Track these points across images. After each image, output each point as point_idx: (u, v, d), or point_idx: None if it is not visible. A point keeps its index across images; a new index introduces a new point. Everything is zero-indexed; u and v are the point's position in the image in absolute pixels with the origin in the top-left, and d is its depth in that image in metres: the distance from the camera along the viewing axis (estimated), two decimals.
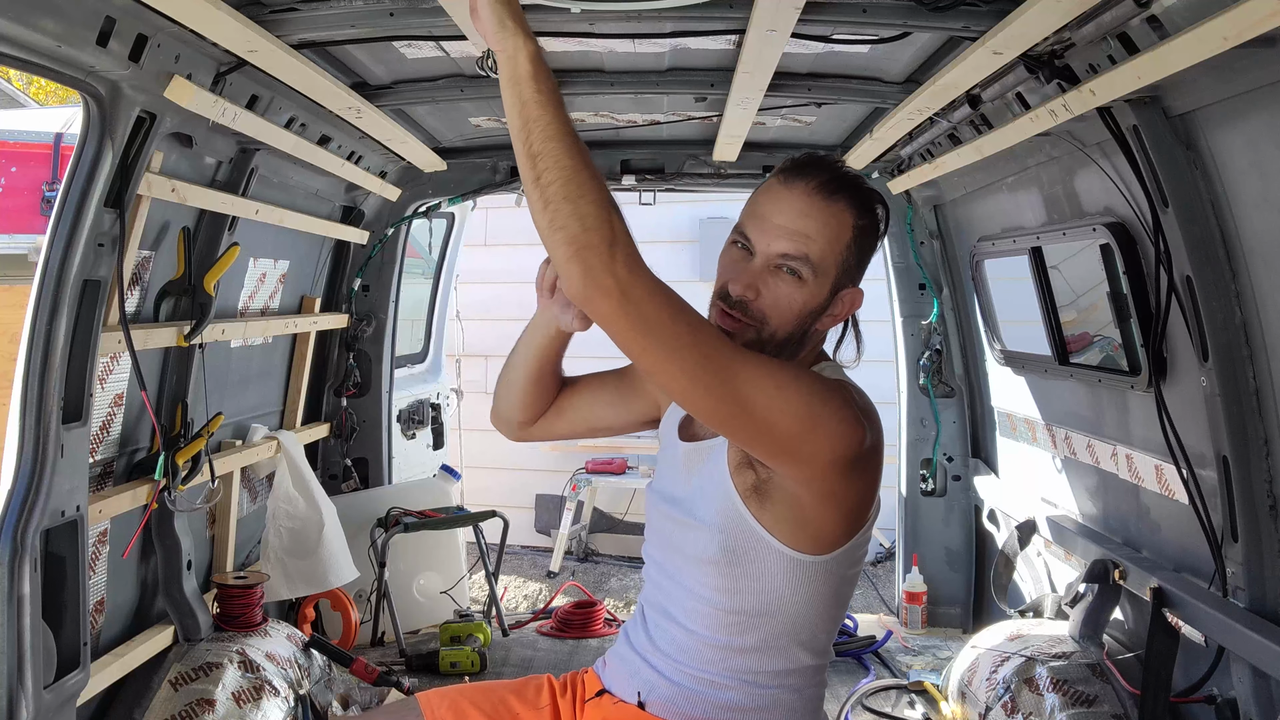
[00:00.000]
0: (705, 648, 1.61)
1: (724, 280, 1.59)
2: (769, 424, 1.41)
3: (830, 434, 1.44)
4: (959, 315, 4.08)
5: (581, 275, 1.30)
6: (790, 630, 1.58)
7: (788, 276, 1.56)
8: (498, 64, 1.38)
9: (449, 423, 5.61)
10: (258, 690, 2.77)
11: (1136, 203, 2.37)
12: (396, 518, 3.95)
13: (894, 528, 4.53)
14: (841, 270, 1.59)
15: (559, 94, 1.36)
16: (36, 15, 1.79)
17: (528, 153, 1.33)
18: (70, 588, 2.25)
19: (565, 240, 1.30)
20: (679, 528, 1.64)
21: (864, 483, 1.54)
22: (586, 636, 4.13)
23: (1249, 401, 2.15)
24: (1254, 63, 1.79)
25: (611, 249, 1.30)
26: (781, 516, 1.52)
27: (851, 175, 1.61)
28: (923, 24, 2.26)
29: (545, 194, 1.31)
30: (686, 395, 1.41)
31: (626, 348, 1.36)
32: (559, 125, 1.33)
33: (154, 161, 2.42)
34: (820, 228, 1.56)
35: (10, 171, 4.75)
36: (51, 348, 2.16)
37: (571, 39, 2.57)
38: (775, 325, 1.57)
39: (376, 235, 4.15)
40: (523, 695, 1.78)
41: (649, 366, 1.38)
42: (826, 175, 1.58)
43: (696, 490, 1.62)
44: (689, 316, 1.36)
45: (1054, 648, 2.80)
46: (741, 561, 1.55)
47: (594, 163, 1.34)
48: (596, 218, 1.30)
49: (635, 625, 1.74)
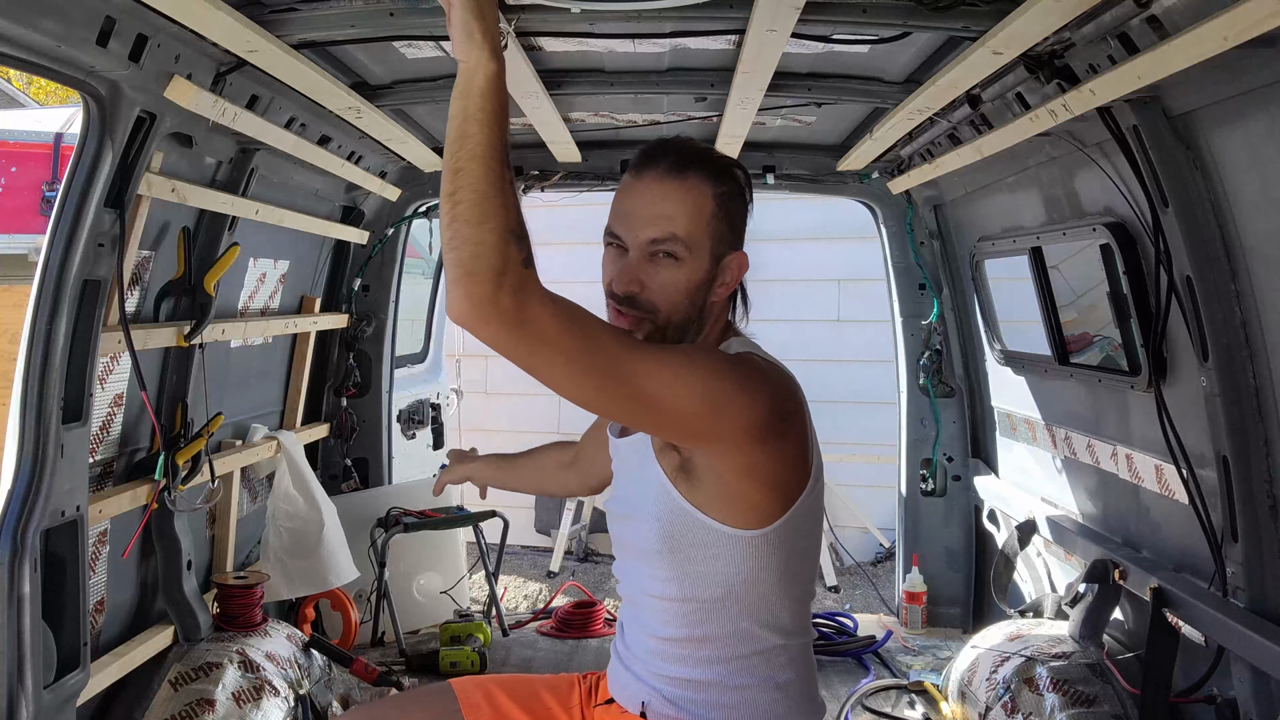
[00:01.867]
0: (675, 646, 1.62)
1: (608, 280, 1.62)
2: (674, 411, 1.43)
3: (734, 408, 1.46)
4: (959, 315, 4.08)
5: (464, 300, 1.30)
6: (745, 611, 1.59)
7: (664, 260, 1.59)
8: (457, 74, 1.38)
9: (449, 423, 5.61)
10: (258, 690, 2.77)
11: (1136, 203, 2.38)
12: (396, 518, 3.95)
13: (894, 528, 4.53)
14: (716, 239, 1.62)
15: (504, 119, 1.37)
16: (36, 15, 1.79)
17: (451, 166, 1.34)
18: (70, 588, 2.25)
19: (455, 262, 1.31)
20: (626, 525, 1.67)
21: (783, 450, 1.54)
22: (586, 636, 4.13)
23: (1249, 401, 2.15)
24: (1254, 63, 1.79)
25: (499, 278, 1.29)
26: (710, 494, 1.54)
27: (699, 149, 1.65)
28: (923, 24, 2.26)
29: (454, 211, 1.32)
30: (590, 402, 1.44)
31: (521, 366, 1.37)
32: (488, 147, 1.33)
33: (154, 161, 2.42)
34: (678, 205, 1.59)
35: (10, 171, 4.76)
36: (51, 348, 2.16)
37: (571, 39, 2.57)
38: (667, 311, 1.60)
39: (376, 235, 4.15)
40: (555, 690, 1.81)
41: (546, 382, 1.39)
42: (673, 157, 1.61)
43: (637, 484, 1.65)
44: (580, 328, 1.37)
45: (1054, 648, 2.80)
46: (681, 547, 1.57)
47: (510, 191, 1.34)
48: (491, 247, 1.30)
49: (620, 639, 1.76)
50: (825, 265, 7.10)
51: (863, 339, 6.65)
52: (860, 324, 6.88)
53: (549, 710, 1.77)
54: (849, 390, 6.65)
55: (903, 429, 4.26)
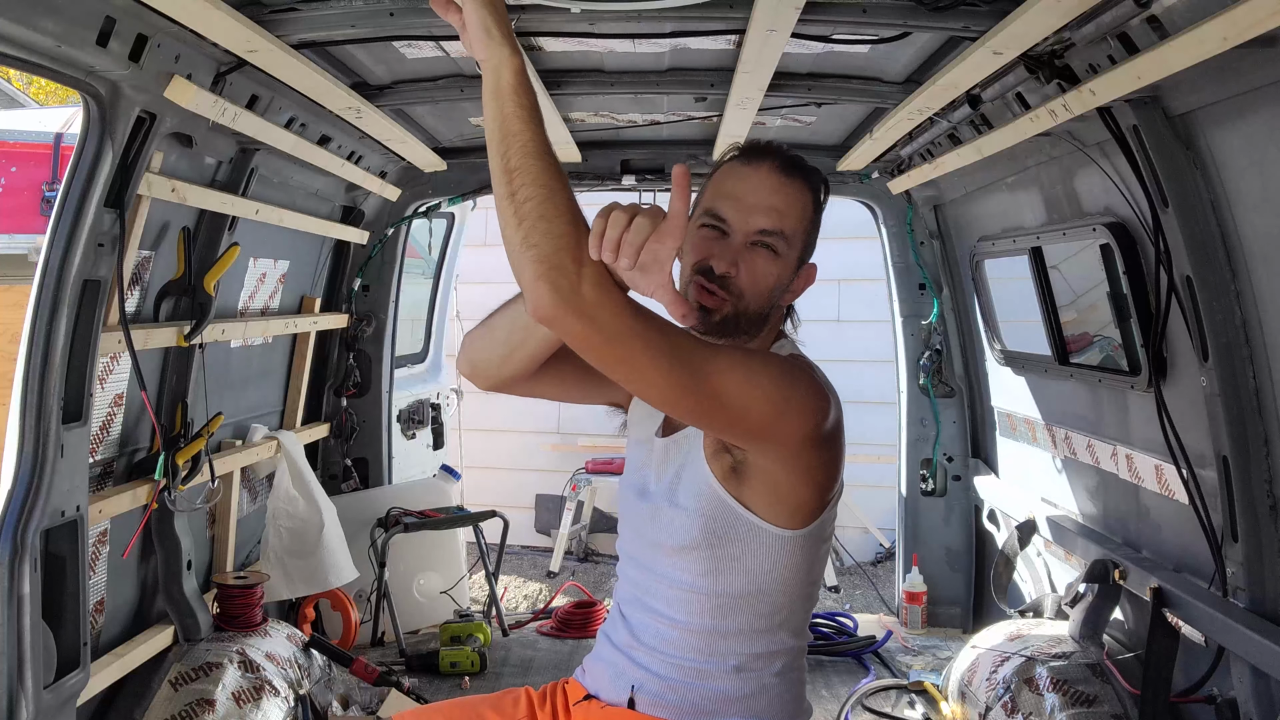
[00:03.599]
0: (690, 635, 1.63)
1: (703, 256, 1.61)
2: (744, 411, 1.45)
3: (801, 411, 1.50)
4: (959, 315, 4.08)
5: (550, 295, 1.30)
6: (773, 609, 1.63)
7: (764, 252, 1.61)
8: (482, 74, 1.38)
9: (449, 423, 5.61)
10: (258, 690, 2.77)
11: (1136, 203, 2.38)
12: (396, 518, 3.95)
13: (894, 528, 4.53)
14: (805, 244, 1.67)
15: (539, 110, 1.37)
16: (36, 15, 1.79)
17: (504, 167, 1.33)
18: (70, 588, 2.25)
19: (535, 259, 1.30)
20: (655, 520, 1.66)
21: (833, 454, 1.59)
22: (586, 636, 4.13)
23: (1249, 401, 2.15)
24: (1254, 63, 1.79)
25: (580, 270, 1.30)
26: (760, 494, 1.57)
27: (800, 158, 1.68)
28: (923, 24, 2.26)
29: (520, 210, 1.31)
30: (664, 398, 1.44)
31: (599, 363, 1.37)
32: (538, 143, 1.34)
33: (154, 161, 2.42)
34: (790, 203, 1.63)
35: (10, 171, 4.75)
36: (51, 348, 2.16)
37: (571, 39, 2.57)
38: (750, 300, 1.61)
39: (376, 235, 4.15)
40: (499, 708, 1.78)
41: (623, 377, 1.40)
42: (784, 156, 1.65)
43: (675, 480, 1.65)
44: (656, 325, 1.37)
45: (1054, 648, 2.80)
46: (723, 543, 1.59)
47: (568, 181, 1.35)
48: (570, 238, 1.30)
49: (614, 625, 1.75)
50: (825, 265, 6.98)
51: (863, 339, 6.65)
52: (860, 324, 6.88)
53: None
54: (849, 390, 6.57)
55: (903, 429, 4.26)
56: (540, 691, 1.80)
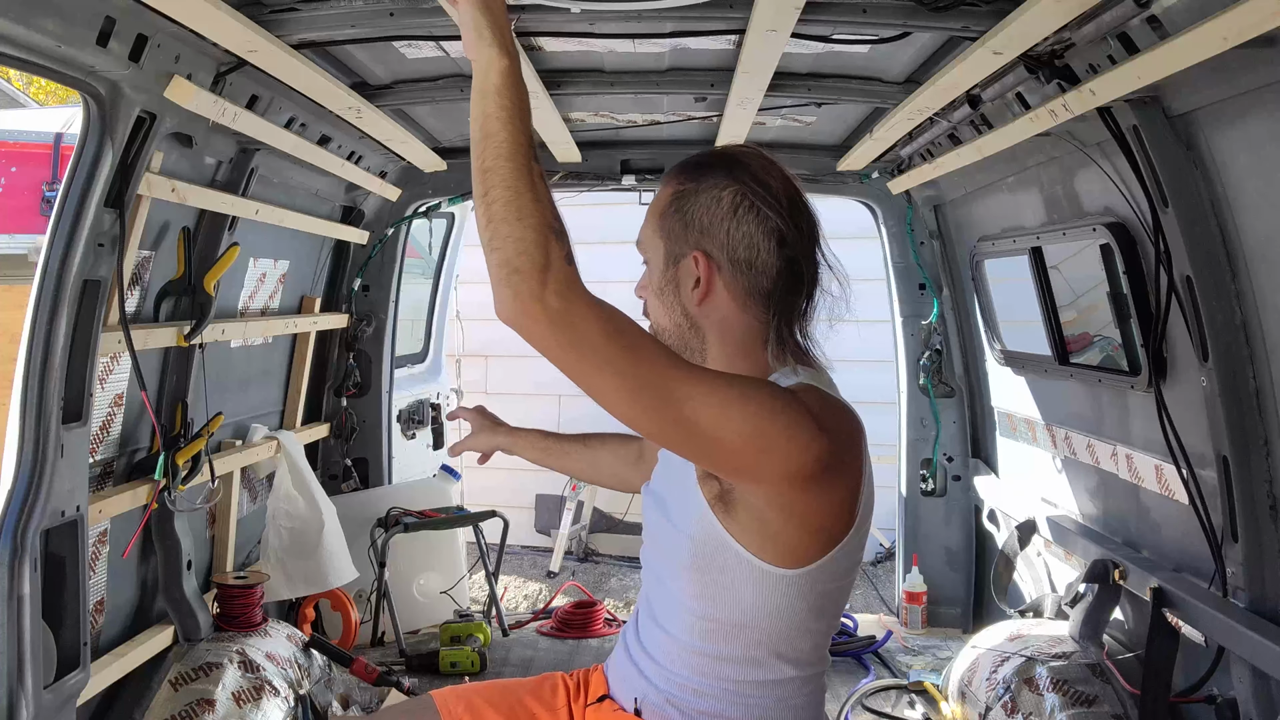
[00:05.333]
0: (686, 653, 1.59)
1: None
2: (717, 443, 1.36)
3: (781, 453, 1.38)
4: (959, 315, 4.08)
5: (511, 299, 1.29)
6: (766, 642, 1.53)
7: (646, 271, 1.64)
8: (472, 73, 1.38)
9: (449, 423, 5.61)
10: (258, 690, 2.77)
11: (1136, 203, 2.38)
12: (396, 518, 3.95)
13: (894, 528, 4.53)
14: (669, 237, 1.60)
15: (525, 113, 1.36)
16: (36, 15, 1.79)
17: (479, 168, 1.33)
18: (70, 588, 2.25)
19: (498, 262, 1.29)
20: (663, 529, 1.63)
21: (829, 497, 1.47)
22: (586, 636, 4.13)
23: (1249, 401, 2.15)
24: (1254, 63, 1.79)
25: (543, 275, 1.27)
26: (748, 527, 1.47)
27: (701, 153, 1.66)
28: (923, 24, 2.26)
29: (489, 211, 1.31)
30: (627, 416, 1.36)
31: (562, 369, 1.33)
32: (514, 144, 1.32)
33: (154, 161, 2.42)
34: (647, 218, 1.65)
35: (10, 171, 4.75)
36: (51, 348, 2.16)
37: (571, 39, 2.57)
38: (655, 318, 1.62)
39: (376, 235, 4.15)
40: (539, 695, 1.79)
41: (585, 388, 1.34)
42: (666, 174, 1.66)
43: (672, 495, 1.61)
44: (627, 338, 1.32)
45: (1054, 648, 2.80)
46: (711, 570, 1.51)
47: (542, 185, 1.33)
48: (533, 243, 1.28)
49: (631, 627, 1.75)
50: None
51: (862, 339, 6.66)
52: (860, 324, 6.89)
53: (534, 716, 1.76)
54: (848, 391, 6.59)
55: (903, 429, 4.26)
56: (575, 679, 1.81)
